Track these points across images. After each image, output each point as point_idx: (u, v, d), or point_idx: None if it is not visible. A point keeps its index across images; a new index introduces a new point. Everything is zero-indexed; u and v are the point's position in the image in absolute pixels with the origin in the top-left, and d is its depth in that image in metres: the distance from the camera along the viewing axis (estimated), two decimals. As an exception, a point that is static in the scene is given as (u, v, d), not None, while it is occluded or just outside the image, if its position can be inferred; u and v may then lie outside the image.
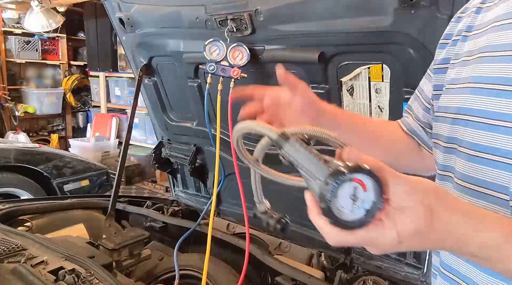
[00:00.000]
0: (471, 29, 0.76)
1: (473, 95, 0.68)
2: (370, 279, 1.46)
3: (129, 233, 1.80)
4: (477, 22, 0.75)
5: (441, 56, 0.82)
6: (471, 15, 0.77)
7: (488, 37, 0.69)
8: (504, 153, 0.61)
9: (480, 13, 0.75)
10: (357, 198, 0.45)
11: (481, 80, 0.67)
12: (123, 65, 5.55)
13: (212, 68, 1.58)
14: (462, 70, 0.74)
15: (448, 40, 0.81)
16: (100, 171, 3.72)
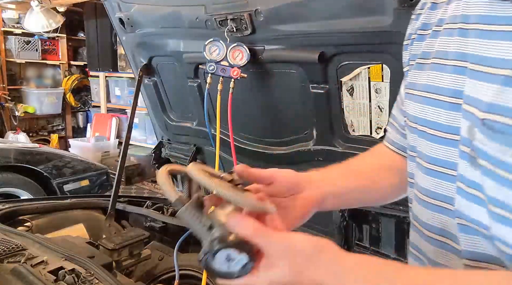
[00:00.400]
0: (427, 27, 0.74)
1: (424, 105, 0.69)
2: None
3: (129, 233, 1.80)
4: (432, 19, 0.74)
5: (406, 58, 0.81)
6: (426, 12, 0.75)
7: (441, 41, 0.69)
8: (444, 163, 0.65)
9: (435, 9, 0.73)
10: (232, 259, 0.56)
11: (432, 89, 0.68)
12: (123, 65, 5.55)
13: (212, 68, 1.58)
14: (417, 75, 0.73)
15: (408, 41, 0.80)
16: (100, 171, 3.71)
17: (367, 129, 1.48)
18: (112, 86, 5.93)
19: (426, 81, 0.70)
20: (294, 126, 1.68)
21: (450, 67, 0.65)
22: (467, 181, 0.60)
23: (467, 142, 0.59)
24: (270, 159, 1.79)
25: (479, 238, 0.60)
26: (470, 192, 0.60)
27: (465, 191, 0.61)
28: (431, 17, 0.74)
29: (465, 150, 0.60)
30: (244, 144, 1.84)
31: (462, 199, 0.61)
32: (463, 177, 0.61)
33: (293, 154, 1.67)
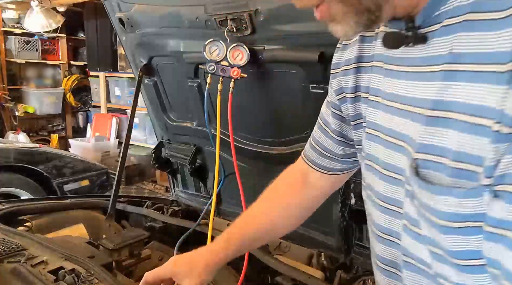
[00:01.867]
0: (362, 59, 0.74)
1: (371, 142, 0.71)
2: (370, 279, 1.46)
3: (129, 233, 1.80)
4: (365, 52, 0.74)
5: (335, 86, 0.81)
6: (356, 43, 0.76)
7: (374, 77, 0.70)
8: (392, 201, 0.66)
9: (365, 42, 0.74)
10: None
11: (372, 126, 0.70)
12: (123, 65, 5.55)
13: (212, 68, 1.58)
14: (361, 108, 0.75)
15: (338, 70, 0.81)
16: (100, 171, 3.71)
17: (367, 129, 1.48)
18: (112, 86, 5.93)
19: (369, 117, 0.71)
20: (294, 126, 1.67)
21: (383, 105, 0.66)
22: (411, 219, 0.61)
23: (410, 180, 0.59)
24: (270, 159, 1.79)
25: (420, 276, 0.62)
26: (413, 230, 0.61)
27: (409, 229, 0.62)
28: (363, 50, 0.74)
29: (409, 189, 0.60)
30: (244, 144, 1.84)
31: (407, 236, 0.63)
32: (407, 215, 0.62)
33: (293, 154, 1.67)
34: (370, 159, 0.72)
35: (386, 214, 0.68)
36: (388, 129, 0.65)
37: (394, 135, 0.64)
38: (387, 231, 0.69)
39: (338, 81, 0.80)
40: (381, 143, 0.67)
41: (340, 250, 1.62)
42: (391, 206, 0.67)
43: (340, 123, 0.84)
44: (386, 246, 0.70)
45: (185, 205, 2.27)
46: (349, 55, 0.77)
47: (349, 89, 0.76)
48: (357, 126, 0.78)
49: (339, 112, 0.83)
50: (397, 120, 0.63)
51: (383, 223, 0.69)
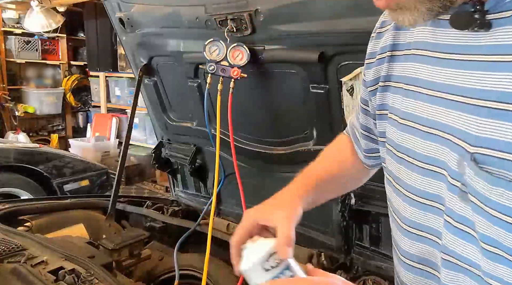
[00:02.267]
0: (397, 47, 0.72)
1: (402, 132, 0.68)
2: (370, 279, 1.46)
3: (129, 233, 1.80)
4: (401, 40, 0.71)
5: (370, 77, 0.78)
6: (390, 31, 0.73)
7: (412, 66, 0.67)
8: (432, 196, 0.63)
9: (401, 29, 0.71)
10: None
11: (408, 117, 0.66)
12: (123, 65, 5.54)
13: (212, 68, 1.58)
14: (392, 98, 0.72)
15: (373, 59, 0.77)
16: (100, 171, 3.72)
17: (367, 129, 1.48)
18: (112, 86, 5.93)
19: (401, 107, 0.68)
20: (294, 126, 1.67)
21: (424, 95, 0.63)
22: (457, 216, 0.58)
23: (457, 175, 0.57)
24: (270, 159, 1.79)
25: (463, 275, 0.59)
26: (459, 228, 0.58)
27: (454, 226, 0.59)
28: (399, 38, 0.72)
29: (456, 184, 0.57)
30: (244, 144, 1.84)
31: (450, 234, 0.59)
32: (452, 211, 0.59)
33: (293, 154, 1.67)
34: (401, 150, 0.68)
35: (420, 209, 0.65)
36: (430, 120, 0.61)
37: (437, 126, 0.60)
38: (419, 227, 0.66)
39: (374, 71, 0.76)
40: (417, 134, 0.64)
41: (340, 250, 1.62)
42: (427, 201, 0.63)
43: (366, 117, 0.84)
44: (417, 242, 0.67)
45: (185, 205, 2.27)
46: (384, 43, 0.74)
47: (382, 77, 0.74)
48: (381, 116, 0.75)
49: (367, 107, 0.82)
50: (443, 111, 0.59)
51: (415, 218, 0.66)
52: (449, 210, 0.59)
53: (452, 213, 0.59)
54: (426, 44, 0.63)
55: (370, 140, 0.86)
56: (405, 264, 0.70)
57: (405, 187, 0.67)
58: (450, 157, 0.58)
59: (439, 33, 0.61)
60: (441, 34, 0.60)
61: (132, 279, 1.64)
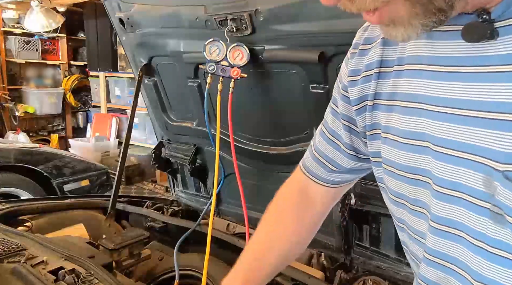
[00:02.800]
0: (385, 64, 0.68)
1: (413, 153, 0.63)
2: (370, 279, 1.46)
3: (129, 233, 1.80)
4: (390, 56, 0.68)
5: (355, 95, 0.73)
6: (377, 47, 0.69)
7: (407, 82, 0.63)
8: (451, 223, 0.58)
9: (390, 45, 0.67)
10: None
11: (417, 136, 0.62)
12: (123, 65, 5.55)
13: (212, 68, 1.58)
14: (388, 117, 0.67)
15: (357, 77, 0.73)
16: (100, 171, 3.71)
17: (367, 129, 1.48)
18: (112, 86, 5.93)
19: (401, 126, 0.64)
20: (294, 126, 1.67)
21: (430, 112, 0.59)
22: (491, 240, 0.53)
23: (485, 196, 0.53)
24: (270, 159, 1.79)
25: None
26: (495, 253, 0.53)
27: (488, 252, 0.54)
28: (387, 54, 0.68)
29: (485, 206, 0.53)
30: (244, 144, 1.84)
31: (485, 261, 0.54)
32: (485, 236, 0.54)
33: (293, 154, 1.67)
34: (409, 171, 0.64)
35: (445, 238, 0.59)
36: (443, 140, 0.57)
37: (452, 146, 0.56)
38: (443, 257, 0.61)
39: (360, 88, 0.72)
40: (431, 154, 0.59)
41: (340, 250, 1.62)
42: (449, 228, 0.58)
43: (351, 136, 0.78)
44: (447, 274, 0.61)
45: (185, 205, 2.27)
46: (369, 59, 0.71)
47: (370, 96, 0.70)
48: (373, 136, 0.72)
49: (351, 125, 0.77)
50: (458, 128, 0.55)
51: (437, 247, 0.61)
52: (481, 235, 0.54)
53: (485, 237, 0.54)
54: (421, 58, 0.61)
55: (358, 159, 0.81)
56: (430, 261, 0.65)
57: (425, 207, 0.63)
58: (473, 178, 0.54)
59: (437, 46, 0.58)
60: (439, 47, 0.58)
61: (132, 279, 1.64)
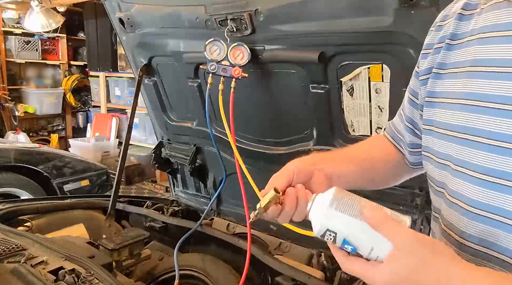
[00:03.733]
0: (455, 37, 0.73)
1: (468, 113, 0.67)
2: (370, 279, 1.45)
3: (129, 233, 1.80)
4: (460, 30, 0.73)
5: (424, 66, 0.79)
6: (452, 22, 0.75)
7: (476, 50, 0.67)
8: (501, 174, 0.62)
9: (463, 20, 0.73)
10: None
11: (476, 97, 0.66)
12: (123, 65, 5.55)
13: (213, 68, 1.58)
14: (451, 84, 0.72)
15: (429, 50, 0.79)
16: (100, 171, 3.72)
17: (367, 129, 1.48)
18: (112, 86, 5.93)
19: (463, 89, 0.68)
20: (294, 126, 1.68)
21: (493, 73, 0.63)
22: None
23: None
24: (270, 159, 1.79)
25: None
26: None
27: None
28: (460, 28, 0.73)
29: None
30: (244, 144, 1.84)
31: None
32: None
33: (293, 154, 1.67)
34: (460, 131, 0.68)
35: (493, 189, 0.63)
36: (498, 96, 0.62)
37: (505, 101, 0.60)
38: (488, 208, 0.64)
39: (429, 60, 0.77)
40: (488, 112, 0.63)
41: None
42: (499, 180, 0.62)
43: (412, 109, 0.84)
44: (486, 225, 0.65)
45: (185, 205, 2.27)
46: (444, 33, 0.76)
47: (436, 64, 0.75)
48: (430, 103, 0.77)
49: (414, 99, 0.83)
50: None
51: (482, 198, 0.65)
52: None
53: None
54: (497, 26, 0.64)
55: (414, 134, 0.87)
56: (465, 247, 0.68)
57: (473, 168, 0.66)
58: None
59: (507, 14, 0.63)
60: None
61: (132, 279, 1.64)
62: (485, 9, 0.68)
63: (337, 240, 0.64)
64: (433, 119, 0.75)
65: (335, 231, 0.63)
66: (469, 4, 0.73)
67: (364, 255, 0.62)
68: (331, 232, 0.64)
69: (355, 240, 0.62)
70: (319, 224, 0.65)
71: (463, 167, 0.68)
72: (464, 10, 0.73)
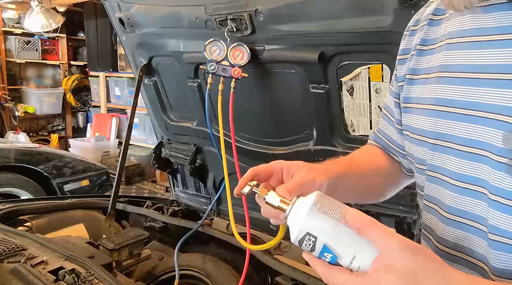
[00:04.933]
0: (426, 42, 0.74)
1: (437, 119, 0.68)
2: (370, 279, 1.45)
3: (129, 233, 1.80)
4: (431, 35, 0.74)
5: (402, 72, 0.80)
6: (423, 28, 0.76)
7: (444, 55, 0.68)
8: (477, 181, 0.62)
9: (433, 25, 0.74)
10: None
11: (444, 102, 0.66)
12: (123, 65, 5.55)
13: (213, 68, 1.58)
14: (423, 89, 0.73)
15: (406, 55, 0.80)
16: (100, 171, 3.71)
17: (367, 129, 1.48)
18: (112, 86, 5.93)
19: (439, 95, 0.68)
20: (294, 126, 1.68)
21: (460, 79, 0.64)
22: (506, 193, 0.57)
23: (503, 152, 0.57)
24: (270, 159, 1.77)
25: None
26: (509, 205, 0.57)
27: (503, 204, 0.57)
28: (430, 33, 0.74)
29: (502, 161, 0.57)
30: (244, 144, 1.84)
31: (500, 213, 0.58)
32: (502, 190, 0.58)
33: (293, 154, 1.67)
34: (437, 137, 0.68)
35: (467, 195, 0.64)
36: (466, 102, 0.62)
37: (474, 107, 0.61)
38: (463, 214, 0.65)
39: (407, 66, 0.78)
40: (453, 118, 0.64)
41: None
42: (472, 186, 0.62)
43: (400, 112, 0.84)
44: (462, 230, 0.65)
45: (185, 205, 2.27)
46: (417, 39, 0.77)
47: (410, 70, 0.77)
48: (405, 109, 0.78)
49: (398, 101, 0.83)
50: (482, 91, 0.60)
51: (457, 205, 0.65)
52: (496, 189, 0.58)
53: (501, 191, 0.57)
54: (462, 32, 0.65)
55: (388, 121, 0.88)
56: (443, 253, 0.68)
57: (448, 174, 0.66)
58: (493, 135, 0.58)
59: (479, 19, 0.63)
60: (481, 19, 0.63)
61: (132, 279, 1.64)
62: (452, 14, 0.69)
63: (316, 247, 0.56)
64: (408, 124, 0.76)
65: (316, 235, 0.56)
66: (438, 9, 0.74)
67: (345, 265, 0.55)
68: (311, 236, 0.56)
69: (337, 246, 0.55)
70: (298, 228, 0.58)
71: (436, 172, 0.69)
72: (434, 15, 0.74)
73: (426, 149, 0.71)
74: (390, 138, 0.89)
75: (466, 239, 0.64)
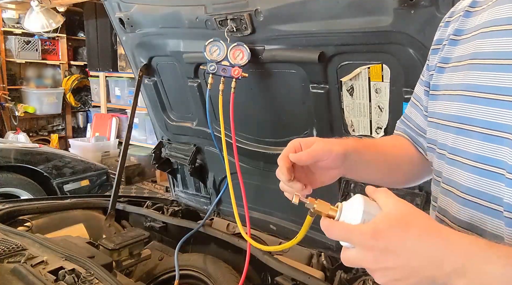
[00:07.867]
0: (460, 33, 0.76)
1: (465, 103, 0.69)
2: (370, 279, 1.45)
3: (129, 233, 1.80)
4: (466, 26, 0.75)
5: (434, 62, 0.82)
6: (459, 19, 0.77)
7: (477, 43, 0.70)
8: (496, 163, 0.63)
9: (469, 17, 0.75)
10: None
11: (473, 88, 0.68)
12: (123, 65, 5.55)
13: (213, 68, 1.58)
14: (453, 76, 0.74)
15: (439, 45, 0.81)
16: (100, 171, 3.72)
17: (367, 129, 1.48)
18: (112, 86, 5.93)
19: (462, 81, 0.70)
20: (294, 126, 1.67)
21: (491, 65, 0.65)
22: None
23: None
24: (270, 159, 1.79)
25: None
26: None
27: None
28: (465, 24, 0.76)
29: None
30: (244, 144, 1.84)
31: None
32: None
33: (293, 154, 1.67)
34: (459, 121, 0.70)
35: (484, 176, 0.65)
36: (491, 87, 0.64)
37: (499, 91, 0.63)
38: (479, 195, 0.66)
39: (439, 56, 0.80)
40: (481, 102, 0.66)
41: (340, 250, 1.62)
42: (490, 167, 0.64)
43: (428, 100, 0.85)
44: (478, 211, 0.67)
45: (185, 205, 2.27)
46: (450, 30, 0.78)
47: (441, 59, 0.78)
48: (433, 96, 0.79)
49: (428, 89, 0.84)
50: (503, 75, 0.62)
51: (474, 185, 0.67)
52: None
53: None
54: (498, 21, 0.66)
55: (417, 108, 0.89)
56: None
57: (468, 156, 0.68)
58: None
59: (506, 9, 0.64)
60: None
61: (132, 279, 1.64)
62: (490, 5, 0.70)
63: None
64: (435, 111, 0.78)
65: None
66: (476, 1, 0.76)
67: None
68: None
69: None
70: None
71: (457, 155, 0.70)
72: (470, 7, 0.76)
73: (450, 133, 0.72)
74: (415, 123, 0.91)
75: (480, 219, 0.66)
